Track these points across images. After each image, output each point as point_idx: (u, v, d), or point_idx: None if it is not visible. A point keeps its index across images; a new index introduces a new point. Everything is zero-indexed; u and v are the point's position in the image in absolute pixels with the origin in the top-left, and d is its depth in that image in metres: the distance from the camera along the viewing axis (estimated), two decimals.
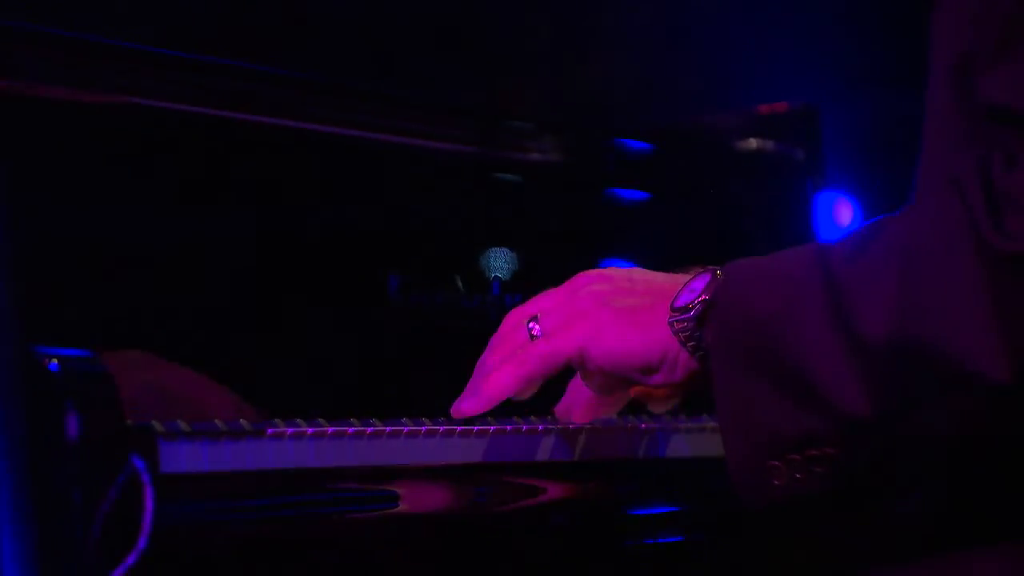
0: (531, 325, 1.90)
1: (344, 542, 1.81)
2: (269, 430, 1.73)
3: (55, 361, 1.58)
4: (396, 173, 2.27)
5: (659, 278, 1.89)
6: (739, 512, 1.76)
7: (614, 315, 1.85)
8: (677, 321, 1.80)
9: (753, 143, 2.71)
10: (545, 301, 1.93)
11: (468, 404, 1.90)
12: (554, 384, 1.94)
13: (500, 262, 2.31)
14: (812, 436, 1.68)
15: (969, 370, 1.60)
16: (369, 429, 1.81)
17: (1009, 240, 1.59)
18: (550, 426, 1.98)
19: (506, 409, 1.93)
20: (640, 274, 1.92)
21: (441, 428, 1.88)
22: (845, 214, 2.80)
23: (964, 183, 1.63)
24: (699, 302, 1.78)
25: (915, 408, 1.64)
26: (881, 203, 2.92)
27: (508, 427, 1.94)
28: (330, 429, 1.78)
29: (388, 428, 1.83)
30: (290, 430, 1.75)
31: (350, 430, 1.79)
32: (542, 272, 2.34)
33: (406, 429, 1.84)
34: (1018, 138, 1.62)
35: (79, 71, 1.97)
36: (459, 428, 1.90)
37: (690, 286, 1.80)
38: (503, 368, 1.89)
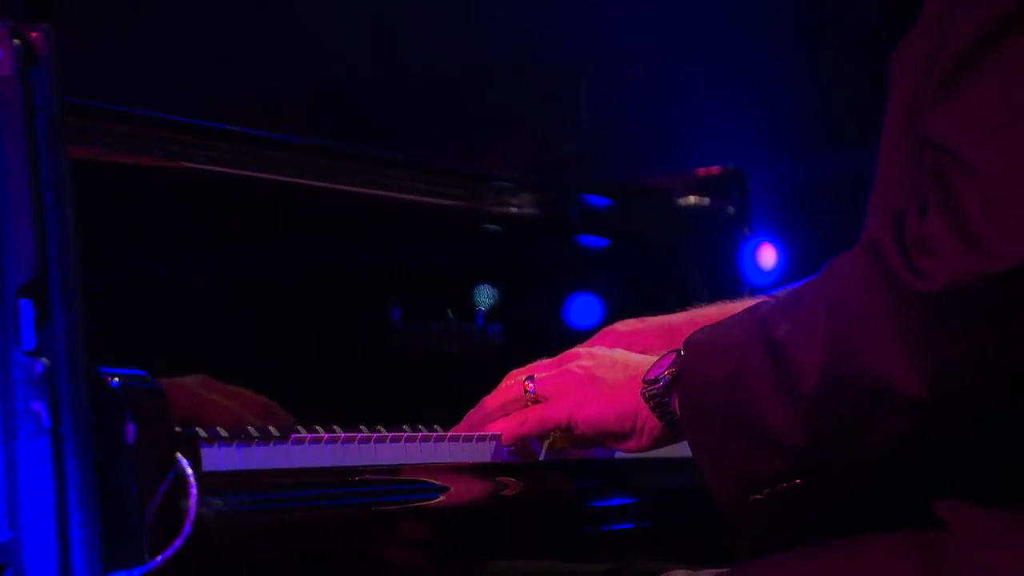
0: (527, 383, 1.95)
1: (357, 528, 1.82)
2: (293, 436, 1.74)
3: (116, 379, 1.59)
4: (399, 224, 2.29)
5: (636, 358, 1.92)
6: (683, 502, 1.77)
7: (598, 390, 1.89)
8: (648, 391, 1.84)
9: (692, 199, 2.72)
10: (541, 367, 1.97)
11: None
12: None
13: (484, 297, 2.33)
14: (778, 473, 1.69)
15: (890, 393, 1.60)
16: (375, 435, 1.82)
17: (923, 279, 1.57)
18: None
19: None
20: (621, 354, 1.95)
21: (434, 435, 1.90)
22: (769, 258, 2.82)
23: (878, 241, 1.62)
24: (667, 375, 1.82)
25: (853, 436, 1.64)
26: (800, 249, 2.94)
27: (489, 434, 1.95)
28: (343, 435, 1.79)
29: (391, 434, 1.84)
30: (310, 436, 1.76)
31: (359, 436, 1.80)
32: (519, 306, 2.36)
33: (405, 435, 1.86)
34: (938, 178, 1.57)
35: (138, 140, 1.99)
36: (449, 434, 1.92)
37: (659, 363, 1.84)
38: (505, 422, 1.94)
